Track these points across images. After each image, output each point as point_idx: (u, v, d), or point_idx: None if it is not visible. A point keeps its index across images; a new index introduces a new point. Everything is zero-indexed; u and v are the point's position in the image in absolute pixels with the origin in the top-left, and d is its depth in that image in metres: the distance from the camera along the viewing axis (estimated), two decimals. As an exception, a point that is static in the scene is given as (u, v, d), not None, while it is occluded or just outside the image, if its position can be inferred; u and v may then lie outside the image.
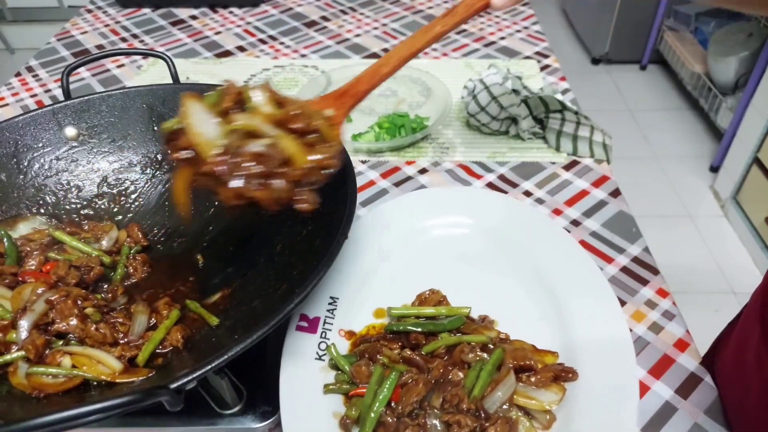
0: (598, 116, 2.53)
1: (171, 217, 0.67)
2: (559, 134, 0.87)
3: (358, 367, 0.52)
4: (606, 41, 2.92)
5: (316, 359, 0.54)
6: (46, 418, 0.32)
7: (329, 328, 0.57)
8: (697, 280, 1.90)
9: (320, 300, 0.59)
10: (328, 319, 0.58)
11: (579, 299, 0.59)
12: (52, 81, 1.11)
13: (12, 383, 0.48)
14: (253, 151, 0.46)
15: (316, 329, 0.57)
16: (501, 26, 1.26)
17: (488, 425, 0.47)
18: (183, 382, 0.37)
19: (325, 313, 0.58)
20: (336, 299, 0.60)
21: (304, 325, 0.57)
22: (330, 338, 0.56)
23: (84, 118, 0.68)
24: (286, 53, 1.19)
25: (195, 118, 0.47)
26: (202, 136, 0.46)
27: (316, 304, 0.58)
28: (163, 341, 0.52)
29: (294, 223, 0.60)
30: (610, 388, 0.51)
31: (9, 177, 0.64)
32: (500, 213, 0.69)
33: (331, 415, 0.50)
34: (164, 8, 1.37)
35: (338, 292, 0.60)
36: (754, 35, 2.22)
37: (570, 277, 0.61)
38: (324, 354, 0.55)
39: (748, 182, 2.01)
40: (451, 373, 0.51)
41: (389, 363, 0.53)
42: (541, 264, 0.63)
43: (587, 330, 0.56)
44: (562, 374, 0.51)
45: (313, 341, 0.56)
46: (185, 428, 0.50)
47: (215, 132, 0.47)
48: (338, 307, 0.59)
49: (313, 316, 0.57)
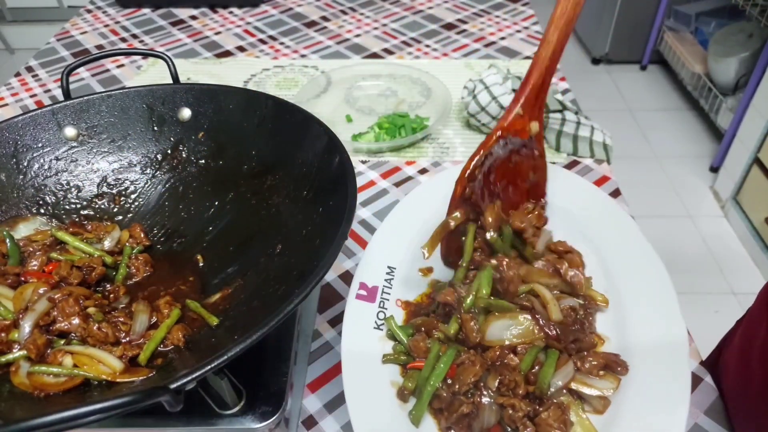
0: (598, 116, 2.53)
1: (171, 217, 0.67)
2: (559, 134, 0.87)
3: (415, 342, 0.53)
4: (606, 41, 2.92)
5: (375, 329, 0.55)
6: (45, 419, 0.32)
7: (387, 298, 0.57)
8: (697, 280, 1.90)
9: (379, 269, 0.59)
10: (386, 289, 0.58)
11: (638, 291, 0.57)
12: (51, 81, 1.11)
13: (14, 383, 0.48)
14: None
15: (375, 298, 0.57)
16: (501, 26, 1.26)
17: (542, 410, 0.48)
18: (183, 383, 0.37)
19: (383, 282, 0.58)
20: (393, 269, 0.60)
21: (364, 294, 0.57)
22: (388, 308, 0.56)
23: (84, 119, 0.68)
24: (286, 53, 1.19)
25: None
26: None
27: (374, 272, 0.59)
28: (164, 340, 0.52)
29: (294, 223, 0.60)
30: (661, 383, 0.50)
31: (8, 177, 0.63)
32: (569, 192, 0.67)
33: (389, 384, 0.51)
34: (164, 8, 1.37)
35: (395, 261, 0.60)
36: (754, 36, 2.22)
37: (632, 266, 0.59)
38: (382, 324, 0.55)
39: (748, 182, 2.01)
40: (507, 357, 0.51)
41: (445, 339, 0.53)
42: (604, 249, 0.61)
43: (643, 324, 0.54)
44: (614, 364, 0.51)
45: (372, 310, 0.56)
46: (185, 428, 0.50)
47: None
48: (395, 276, 0.59)
49: (372, 285, 0.58)
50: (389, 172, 0.87)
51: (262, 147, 0.65)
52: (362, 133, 0.92)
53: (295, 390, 0.59)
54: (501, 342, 0.52)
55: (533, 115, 0.58)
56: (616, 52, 2.96)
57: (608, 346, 0.54)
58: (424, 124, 0.93)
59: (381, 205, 0.81)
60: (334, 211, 0.52)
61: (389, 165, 0.88)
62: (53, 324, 0.51)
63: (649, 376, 0.50)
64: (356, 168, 0.87)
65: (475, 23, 1.28)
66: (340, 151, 0.57)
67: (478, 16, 1.30)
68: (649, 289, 0.56)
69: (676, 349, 0.51)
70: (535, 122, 0.57)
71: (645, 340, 0.53)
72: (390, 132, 0.91)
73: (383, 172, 0.87)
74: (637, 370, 0.51)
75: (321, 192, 0.58)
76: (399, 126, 0.92)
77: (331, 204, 0.54)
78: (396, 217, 0.64)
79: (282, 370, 0.53)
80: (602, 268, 0.60)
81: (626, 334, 0.54)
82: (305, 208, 0.59)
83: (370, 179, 0.85)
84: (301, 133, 0.63)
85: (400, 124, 0.92)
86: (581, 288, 0.56)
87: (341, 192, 0.52)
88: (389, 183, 0.84)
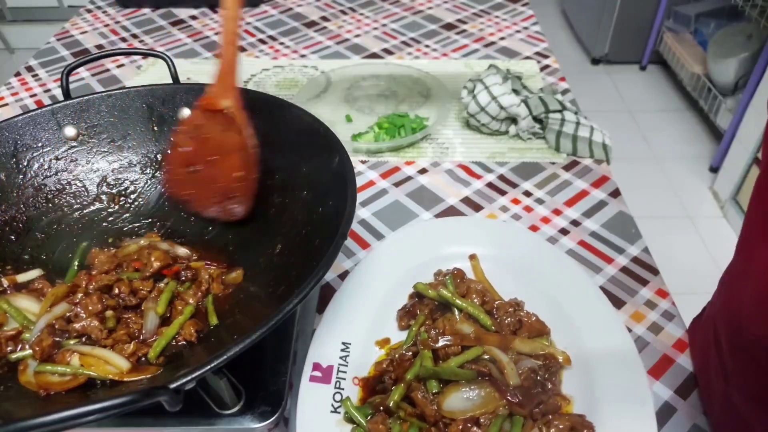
0: (597, 117, 2.53)
1: (170, 217, 0.67)
2: (559, 134, 0.87)
3: (374, 424, 0.50)
4: (606, 42, 2.93)
5: (332, 412, 0.52)
6: (44, 419, 0.32)
7: (343, 377, 0.55)
8: (697, 280, 1.90)
9: (333, 346, 0.57)
10: (342, 367, 0.55)
11: (600, 348, 0.56)
12: (51, 81, 1.11)
13: (20, 381, 0.48)
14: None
15: (330, 379, 0.54)
16: (501, 27, 1.26)
17: None
18: (182, 383, 0.37)
19: (338, 360, 0.56)
20: (348, 344, 0.57)
21: (318, 375, 0.54)
22: (345, 387, 0.54)
23: (84, 118, 0.68)
24: (285, 53, 1.19)
25: None
26: None
27: (328, 351, 0.56)
28: (176, 336, 0.52)
29: (294, 223, 0.60)
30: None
31: (8, 176, 0.63)
32: (503, 241, 0.68)
33: None
34: (164, 8, 1.37)
35: (350, 337, 0.58)
36: (753, 37, 2.22)
37: (592, 319, 0.59)
38: (339, 406, 0.52)
39: (747, 183, 2.01)
40: (470, 431, 0.49)
41: (406, 416, 0.51)
42: (564, 303, 0.61)
43: (607, 378, 0.54)
44: (580, 426, 0.50)
45: (328, 392, 0.53)
46: (184, 428, 0.50)
47: None
48: (350, 353, 0.57)
49: (327, 365, 0.55)
50: (389, 172, 0.87)
51: (262, 147, 0.65)
52: (362, 133, 0.92)
53: (295, 390, 0.59)
54: (463, 413, 0.49)
55: (225, 94, 0.60)
56: (615, 53, 2.96)
57: (574, 405, 0.53)
58: (424, 124, 0.93)
59: (381, 205, 0.81)
60: (334, 211, 0.52)
61: (389, 165, 0.88)
62: (71, 323, 0.51)
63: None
64: (356, 168, 0.87)
65: (475, 23, 1.28)
66: (340, 151, 0.57)
67: (478, 17, 1.30)
68: (610, 343, 0.56)
69: (642, 405, 0.50)
70: (227, 100, 0.60)
71: (610, 396, 0.52)
72: (390, 132, 0.91)
73: (383, 172, 0.87)
74: (603, 430, 0.50)
75: (321, 192, 0.58)
76: (399, 126, 0.92)
77: (331, 204, 0.55)
78: (348, 289, 0.62)
79: (281, 370, 0.53)
80: (562, 324, 0.59)
81: (591, 391, 0.53)
82: (305, 208, 0.60)
83: (370, 179, 0.85)
84: (301, 134, 0.63)
85: (400, 124, 0.92)
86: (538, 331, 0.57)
87: (341, 192, 0.52)
88: (389, 183, 0.84)
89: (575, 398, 0.53)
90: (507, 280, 0.64)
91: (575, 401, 0.53)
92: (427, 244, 0.68)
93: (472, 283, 0.62)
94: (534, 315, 0.59)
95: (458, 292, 0.61)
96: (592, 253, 0.72)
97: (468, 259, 0.67)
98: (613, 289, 0.67)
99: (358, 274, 0.64)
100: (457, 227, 0.71)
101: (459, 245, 0.68)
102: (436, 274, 0.64)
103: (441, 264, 0.65)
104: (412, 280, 0.63)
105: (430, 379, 0.52)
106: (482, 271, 0.65)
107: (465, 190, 0.83)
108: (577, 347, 0.57)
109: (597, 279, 0.69)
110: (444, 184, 0.84)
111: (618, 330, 0.57)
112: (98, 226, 0.66)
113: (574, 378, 0.55)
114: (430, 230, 0.70)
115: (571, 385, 0.54)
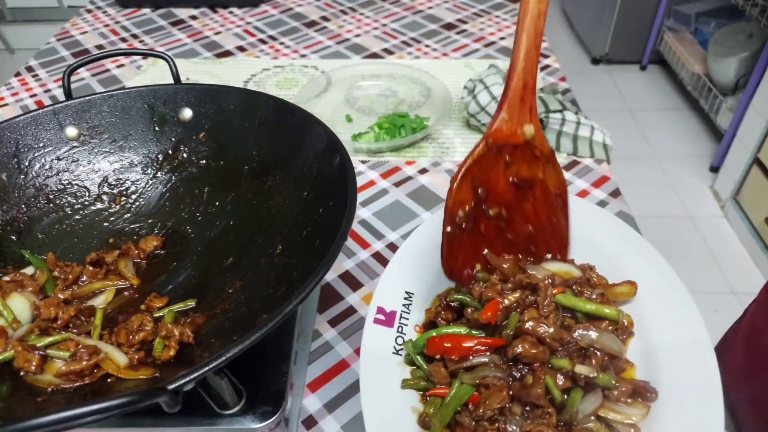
0: (598, 116, 2.53)
1: (171, 218, 0.67)
2: (559, 134, 0.87)
3: (435, 368, 0.51)
4: (606, 41, 2.93)
5: (393, 353, 0.54)
6: (44, 419, 0.32)
7: (405, 323, 0.56)
8: (697, 280, 1.90)
9: (396, 294, 0.58)
10: (404, 314, 0.57)
11: (665, 317, 0.55)
12: (51, 81, 1.11)
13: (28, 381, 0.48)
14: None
15: (393, 323, 0.56)
16: (501, 26, 1.26)
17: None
18: (181, 383, 0.37)
19: (401, 307, 0.57)
20: (411, 294, 0.59)
21: (381, 318, 0.56)
22: (406, 333, 0.55)
23: (85, 118, 0.68)
24: (286, 53, 1.19)
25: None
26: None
27: (392, 298, 0.58)
28: (170, 338, 0.51)
29: (294, 224, 0.60)
30: (693, 410, 0.48)
31: (10, 177, 0.64)
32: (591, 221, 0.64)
33: (410, 411, 0.50)
34: (164, 8, 1.37)
35: (413, 287, 0.59)
36: (754, 36, 2.22)
37: (656, 290, 0.57)
38: (401, 348, 0.54)
39: (748, 182, 2.01)
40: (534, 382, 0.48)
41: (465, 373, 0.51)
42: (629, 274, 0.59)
43: (671, 351, 0.52)
44: (642, 390, 0.49)
45: (390, 335, 0.55)
46: (185, 428, 0.50)
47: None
48: (413, 302, 0.58)
49: (390, 310, 0.57)
50: (389, 172, 0.87)
51: (263, 147, 0.65)
52: (362, 133, 0.92)
53: (295, 390, 0.59)
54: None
55: (523, 119, 0.55)
56: (616, 52, 2.96)
57: (636, 373, 0.52)
58: (424, 124, 0.93)
59: (381, 205, 0.81)
60: (334, 211, 0.52)
61: (389, 165, 0.88)
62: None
63: (679, 402, 0.48)
64: (356, 168, 0.87)
65: (475, 23, 1.28)
66: (340, 151, 0.57)
67: (478, 16, 1.30)
68: (675, 314, 0.54)
69: (707, 374, 0.49)
70: (529, 125, 0.54)
71: (673, 366, 0.51)
72: (390, 132, 0.91)
73: (383, 172, 0.87)
74: (667, 397, 0.49)
75: (321, 192, 0.58)
76: (399, 126, 0.92)
77: (331, 204, 0.55)
78: (414, 241, 0.62)
79: (282, 370, 0.53)
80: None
81: (654, 360, 0.52)
82: (305, 209, 0.60)
83: (370, 179, 0.85)
84: (301, 134, 0.63)
85: (400, 124, 0.92)
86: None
87: (341, 192, 0.52)
88: (389, 183, 0.85)
89: (638, 366, 0.52)
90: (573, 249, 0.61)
91: (638, 369, 0.52)
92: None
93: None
94: (604, 278, 0.57)
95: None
96: (593, 253, 0.72)
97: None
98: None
99: (424, 229, 0.63)
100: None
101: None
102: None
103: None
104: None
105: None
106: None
107: (465, 190, 0.83)
108: (641, 316, 0.55)
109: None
110: (444, 184, 0.84)
111: (688, 308, 0.55)
112: (99, 226, 0.66)
113: (638, 347, 0.54)
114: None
115: (635, 354, 0.53)
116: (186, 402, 0.38)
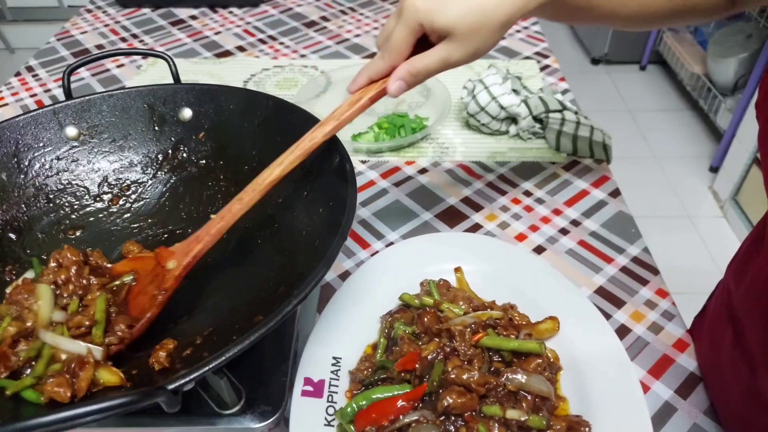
0: (597, 116, 2.53)
1: (171, 217, 0.67)
2: (559, 134, 0.87)
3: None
4: (606, 41, 2.93)
5: (326, 425, 0.52)
6: (44, 419, 0.33)
7: (335, 391, 0.54)
8: (697, 280, 1.90)
9: (323, 362, 0.56)
10: (333, 381, 0.55)
11: (592, 352, 0.57)
12: (51, 81, 1.11)
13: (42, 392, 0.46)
14: None
15: (322, 393, 0.54)
16: (501, 27, 1.26)
17: None
18: (180, 383, 0.37)
19: (329, 375, 0.55)
20: (339, 359, 0.57)
21: (310, 390, 0.54)
22: (337, 401, 0.53)
23: (85, 118, 0.68)
24: (285, 53, 1.19)
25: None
26: None
27: (319, 366, 0.56)
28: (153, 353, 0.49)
29: (294, 223, 0.60)
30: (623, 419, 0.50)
31: (9, 176, 0.64)
32: (486, 255, 0.67)
33: None
34: (164, 8, 1.37)
35: (341, 352, 0.58)
36: (753, 36, 2.23)
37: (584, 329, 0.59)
38: (333, 419, 0.52)
39: (747, 183, 2.01)
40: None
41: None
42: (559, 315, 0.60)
43: (600, 381, 0.54)
44: (576, 426, 0.50)
45: (321, 406, 0.53)
46: (184, 428, 0.50)
47: None
48: (341, 367, 0.56)
49: (318, 379, 0.55)
50: (389, 171, 0.87)
51: (263, 147, 0.65)
52: (362, 133, 0.92)
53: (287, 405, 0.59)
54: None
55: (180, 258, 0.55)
56: (615, 53, 2.96)
57: (570, 406, 0.53)
58: (424, 124, 0.93)
59: (381, 205, 0.81)
60: (334, 211, 0.52)
61: (389, 165, 0.88)
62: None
63: (611, 419, 0.50)
64: (356, 168, 0.87)
65: (475, 23, 1.28)
66: (340, 151, 0.57)
67: (478, 17, 1.30)
68: (600, 347, 0.56)
69: (635, 404, 0.51)
70: (174, 261, 0.54)
71: (604, 399, 0.52)
72: (390, 132, 0.91)
73: (383, 172, 0.87)
74: (600, 429, 0.50)
75: (321, 192, 0.58)
76: (398, 126, 0.92)
77: (331, 204, 0.55)
78: (337, 305, 0.62)
79: (281, 370, 0.53)
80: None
81: (585, 392, 0.53)
82: (305, 209, 0.60)
83: (370, 179, 0.85)
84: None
85: (400, 124, 0.92)
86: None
87: (341, 192, 0.52)
88: (389, 183, 0.85)
89: (570, 400, 0.54)
90: (491, 291, 0.63)
91: (570, 402, 0.53)
92: (413, 262, 0.67)
93: (458, 291, 0.62)
94: (526, 316, 0.59)
95: (445, 299, 0.60)
96: (592, 253, 0.72)
97: (453, 272, 0.66)
98: (612, 288, 0.68)
99: (345, 290, 0.63)
100: (440, 243, 0.70)
101: (443, 262, 0.67)
102: (421, 284, 0.64)
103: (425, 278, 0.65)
104: (400, 293, 0.63)
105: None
106: (467, 282, 0.65)
107: (465, 190, 0.83)
108: (570, 352, 0.57)
109: (597, 279, 0.69)
110: (444, 184, 0.84)
111: (607, 334, 0.57)
112: (99, 225, 0.66)
113: (568, 380, 0.55)
114: (411, 249, 0.69)
115: (566, 387, 0.55)
116: (185, 402, 0.38)
